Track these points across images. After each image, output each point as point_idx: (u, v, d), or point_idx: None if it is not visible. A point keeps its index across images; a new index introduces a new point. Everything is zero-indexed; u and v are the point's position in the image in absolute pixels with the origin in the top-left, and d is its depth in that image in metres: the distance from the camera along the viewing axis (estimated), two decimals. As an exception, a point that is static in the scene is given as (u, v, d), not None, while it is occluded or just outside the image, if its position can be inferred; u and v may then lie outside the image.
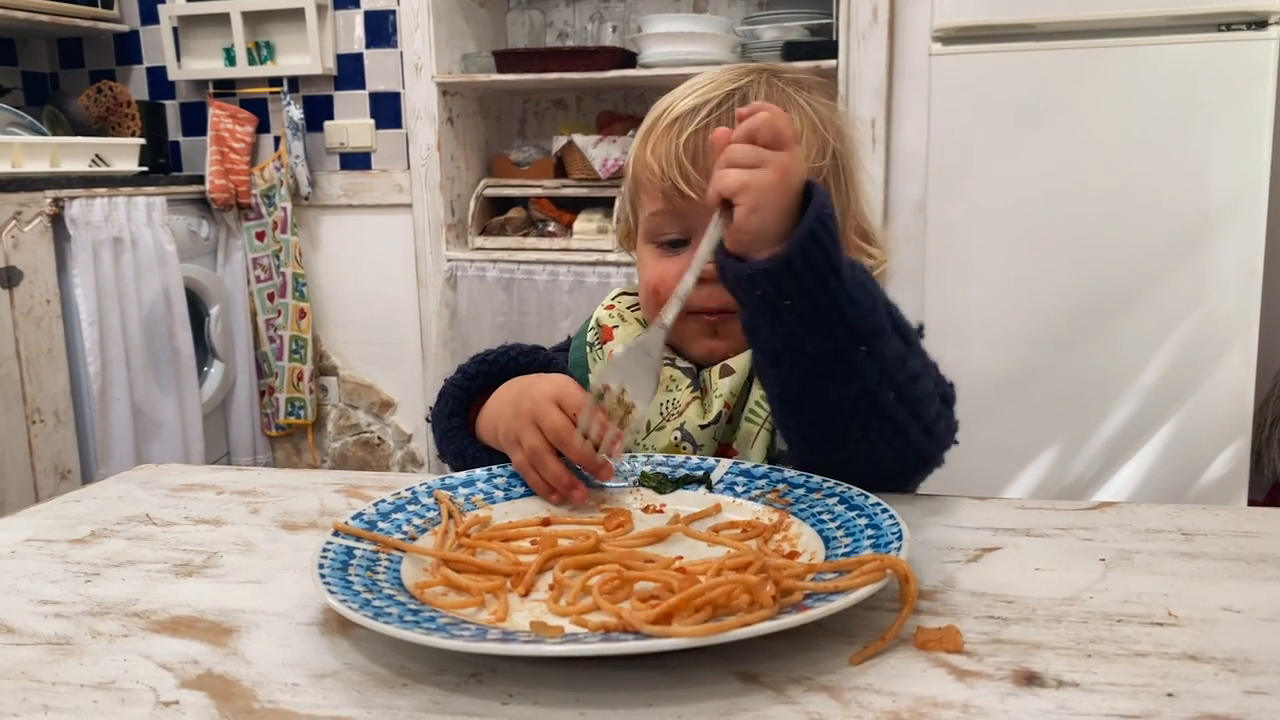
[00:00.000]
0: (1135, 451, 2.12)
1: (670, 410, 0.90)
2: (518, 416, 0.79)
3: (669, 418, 0.89)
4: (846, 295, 0.68)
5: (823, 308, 0.68)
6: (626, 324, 0.98)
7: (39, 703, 0.50)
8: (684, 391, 0.90)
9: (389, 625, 0.51)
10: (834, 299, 0.68)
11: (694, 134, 0.87)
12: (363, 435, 3.12)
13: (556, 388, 0.78)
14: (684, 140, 0.87)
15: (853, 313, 0.69)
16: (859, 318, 0.69)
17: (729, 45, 2.56)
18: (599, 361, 0.96)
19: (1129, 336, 2.11)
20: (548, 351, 0.98)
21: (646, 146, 0.91)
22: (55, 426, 2.42)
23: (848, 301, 0.68)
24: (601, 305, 1.02)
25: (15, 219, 2.30)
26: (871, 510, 0.65)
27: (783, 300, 0.68)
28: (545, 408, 0.77)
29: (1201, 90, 2.01)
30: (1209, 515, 0.72)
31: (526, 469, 0.77)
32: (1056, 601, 0.58)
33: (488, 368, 0.90)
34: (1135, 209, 2.08)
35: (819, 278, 0.67)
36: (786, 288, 0.67)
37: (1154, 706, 0.46)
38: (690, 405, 0.89)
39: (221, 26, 2.90)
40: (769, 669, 0.51)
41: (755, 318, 0.71)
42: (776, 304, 0.68)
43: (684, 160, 0.87)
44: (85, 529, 0.77)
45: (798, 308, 0.68)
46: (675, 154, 0.87)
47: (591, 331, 0.99)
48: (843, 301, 0.68)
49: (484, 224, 2.87)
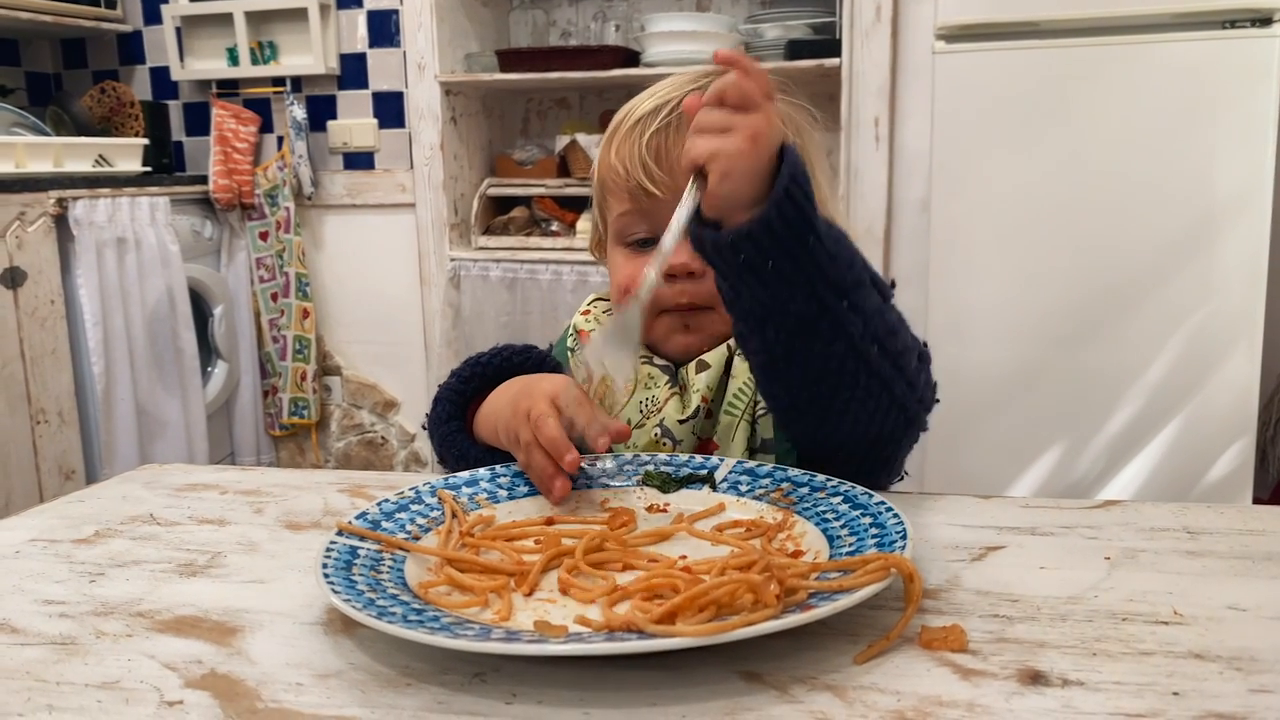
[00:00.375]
0: (1139, 450, 2.12)
1: (650, 407, 0.90)
2: (515, 415, 0.79)
3: (649, 414, 0.90)
4: (825, 251, 0.68)
5: (804, 266, 0.68)
6: (603, 327, 0.98)
7: (44, 702, 0.50)
8: (663, 388, 0.91)
9: (393, 625, 0.51)
10: (814, 256, 0.68)
11: (655, 134, 0.89)
12: (366, 435, 3.12)
13: (555, 386, 0.79)
14: (646, 140, 0.89)
15: (832, 268, 0.69)
16: (839, 273, 0.69)
17: (732, 44, 2.55)
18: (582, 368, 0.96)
19: (1133, 335, 2.11)
20: (541, 351, 0.98)
21: (610, 149, 0.93)
22: (59, 426, 2.42)
23: (827, 258, 0.69)
24: (578, 311, 1.03)
25: (19, 219, 2.30)
26: (876, 509, 0.65)
27: (765, 262, 0.68)
28: (540, 405, 0.77)
29: (1206, 88, 2.01)
30: (1214, 514, 0.72)
31: (527, 466, 0.78)
32: (1061, 600, 0.58)
33: (481, 369, 0.91)
34: (1139, 207, 2.08)
35: (798, 236, 0.67)
36: (767, 249, 0.67)
37: (1159, 705, 0.46)
38: (669, 401, 0.90)
39: (224, 26, 2.90)
40: (773, 668, 0.50)
41: (737, 286, 0.71)
42: (759, 267, 0.68)
43: (648, 160, 0.88)
44: (89, 529, 0.77)
45: (780, 268, 0.68)
46: (639, 154, 0.89)
47: (571, 338, 1.01)
48: (822, 258, 0.68)
49: (487, 223, 2.87)
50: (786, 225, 0.66)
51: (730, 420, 0.88)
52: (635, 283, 0.88)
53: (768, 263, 0.68)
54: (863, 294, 0.71)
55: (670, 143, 0.88)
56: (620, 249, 0.94)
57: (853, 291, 0.70)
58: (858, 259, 0.72)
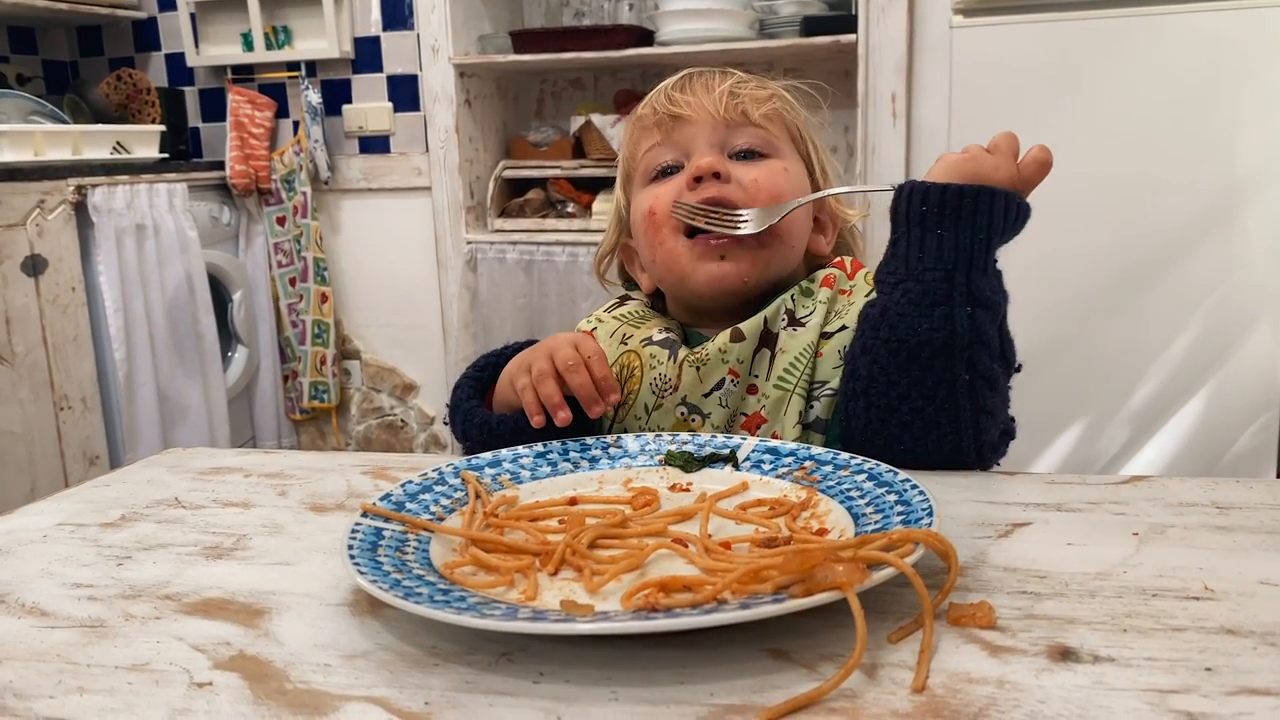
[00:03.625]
0: (1161, 426, 2.11)
1: (662, 386, 0.90)
2: (533, 351, 0.84)
3: (664, 394, 0.89)
4: (985, 258, 0.77)
5: (962, 249, 0.76)
6: (604, 323, 0.99)
7: (75, 685, 0.50)
8: (667, 364, 0.90)
9: (420, 605, 0.51)
10: (974, 248, 0.76)
11: (679, 81, 0.97)
12: (386, 418, 3.13)
13: (574, 335, 0.85)
14: (671, 84, 0.97)
15: (978, 276, 0.76)
16: (980, 281, 0.76)
17: (747, 21, 2.53)
18: None
19: (1154, 311, 2.09)
20: None
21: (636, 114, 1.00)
22: (83, 413, 2.44)
23: (982, 265, 0.76)
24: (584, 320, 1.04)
25: (39, 207, 2.32)
26: (901, 486, 0.65)
27: (941, 219, 0.76)
28: (563, 346, 0.82)
29: (1227, 60, 1.98)
30: (1243, 488, 0.71)
31: (527, 388, 0.81)
32: (1090, 576, 0.57)
33: (496, 359, 0.93)
34: (1160, 182, 2.06)
35: (977, 224, 0.76)
36: (949, 211, 0.76)
37: (1193, 681, 0.46)
38: (682, 377, 0.89)
39: (239, 11, 2.90)
40: (800, 646, 0.50)
41: (901, 236, 0.78)
42: (932, 223, 0.76)
43: (673, 94, 0.95)
44: (115, 513, 0.77)
45: (944, 229, 0.76)
46: (664, 93, 0.96)
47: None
48: (979, 260, 0.76)
49: (503, 206, 2.86)
50: (977, 209, 0.75)
51: (782, 394, 0.87)
52: (658, 203, 0.92)
53: (942, 220, 0.76)
54: (985, 317, 0.77)
55: (693, 82, 0.96)
56: (647, 185, 0.96)
57: (979, 307, 0.76)
58: (1001, 305, 0.79)
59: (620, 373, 0.92)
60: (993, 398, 0.77)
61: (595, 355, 0.82)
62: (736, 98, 0.93)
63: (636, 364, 0.92)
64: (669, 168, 0.94)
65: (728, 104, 0.92)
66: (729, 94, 0.93)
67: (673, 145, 0.94)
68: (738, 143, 0.93)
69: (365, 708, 0.47)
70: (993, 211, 0.76)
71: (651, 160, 0.95)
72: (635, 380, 0.91)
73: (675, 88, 0.96)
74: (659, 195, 0.93)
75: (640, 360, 0.92)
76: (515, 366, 0.86)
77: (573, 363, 0.80)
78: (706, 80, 0.95)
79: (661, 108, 0.95)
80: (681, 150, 0.94)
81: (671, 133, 0.94)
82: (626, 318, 0.97)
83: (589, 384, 0.80)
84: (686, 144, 0.93)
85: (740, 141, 0.93)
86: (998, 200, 0.76)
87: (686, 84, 0.96)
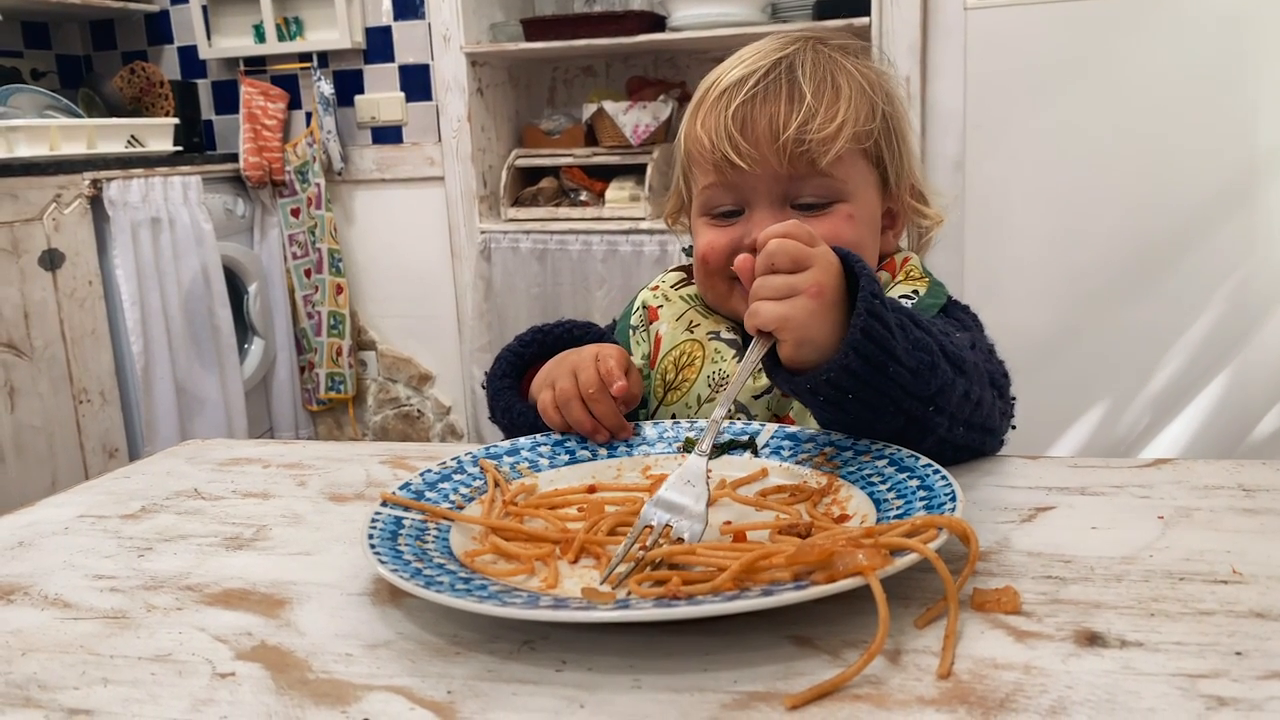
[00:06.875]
0: (1183, 408, 2.09)
1: (717, 380, 0.90)
2: (559, 364, 0.84)
3: (718, 389, 0.89)
4: (908, 371, 0.67)
5: (887, 391, 0.67)
6: (671, 302, 0.97)
7: (99, 676, 0.50)
8: (730, 363, 0.90)
9: (441, 594, 0.51)
10: (896, 380, 0.67)
11: (742, 105, 0.87)
12: (402, 408, 3.14)
13: (599, 346, 0.84)
14: (732, 112, 0.87)
15: (916, 384, 0.68)
16: (922, 386, 0.68)
17: (759, 5, 2.51)
18: (642, 345, 0.96)
19: (1175, 291, 2.07)
20: (600, 329, 0.99)
21: (696, 120, 0.91)
22: (101, 406, 2.46)
23: (910, 377, 0.67)
24: (647, 287, 1.01)
25: (55, 201, 2.32)
26: (923, 472, 0.64)
27: (845, 397, 0.68)
28: (586, 366, 0.81)
29: (1246, 38, 1.96)
30: (1270, 470, 0.70)
31: (549, 408, 0.81)
32: (1115, 560, 0.57)
33: (542, 336, 0.94)
34: (1179, 162, 2.03)
35: (878, 369, 0.66)
36: (848, 387, 0.67)
37: (1222, 665, 0.45)
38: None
39: (250, 3, 2.90)
40: (824, 633, 0.50)
41: (820, 411, 0.72)
42: (840, 401, 0.68)
43: (733, 132, 0.86)
44: (136, 504, 0.78)
45: (861, 398, 0.68)
46: (725, 126, 0.86)
47: (636, 314, 0.99)
48: (904, 380, 0.67)
49: (516, 195, 2.86)
50: (866, 363, 0.66)
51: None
52: (711, 252, 0.89)
53: (848, 396, 0.67)
54: (948, 393, 0.70)
55: (756, 113, 0.86)
56: (704, 220, 0.92)
57: (938, 396, 0.69)
58: (937, 356, 0.69)
59: (679, 359, 0.92)
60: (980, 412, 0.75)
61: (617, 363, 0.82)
62: (802, 145, 0.85)
63: (699, 355, 0.92)
64: (729, 211, 0.90)
65: (792, 153, 0.85)
66: (794, 142, 0.85)
67: (730, 189, 0.89)
68: (802, 195, 0.87)
69: (388, 697, 0.47)
70: (877, 343, 0.66)
71: (709, 199, 0.91)
72: (693, 370, 0.91)
73: (735, 122, 0.86)
74: (714, 244, 0.89)
75: (704, 352, 0.92)
76: (541, 379, 0.85)
77: (594, 390, 0.79)
78: (771, 116, 0.85)
79: (719, 147, 0.87)
80: (740, 197, 0.89)
81: (728, 175, 0.88)
82: (693, 301, 0.96)
83: (612, 413, 0.80)
84: (746, 194, 0.88)
85: (805, 194, 0.87)
86: (870, 342, 0.65)
87: (748, 120, 0.86)
